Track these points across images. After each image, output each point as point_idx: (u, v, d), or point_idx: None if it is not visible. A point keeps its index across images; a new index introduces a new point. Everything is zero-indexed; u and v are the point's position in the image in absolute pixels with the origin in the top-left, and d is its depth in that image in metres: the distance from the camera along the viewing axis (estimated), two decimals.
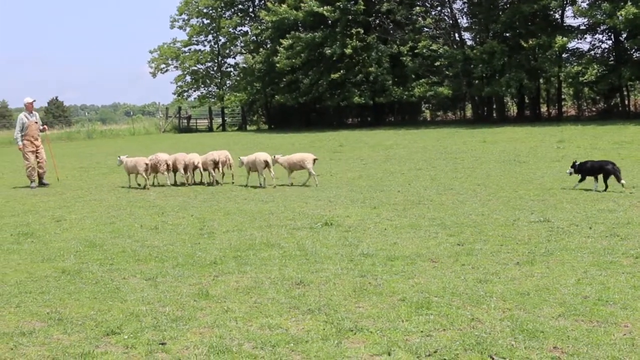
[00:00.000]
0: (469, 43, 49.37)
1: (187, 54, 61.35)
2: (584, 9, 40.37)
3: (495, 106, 49.64)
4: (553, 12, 44.55)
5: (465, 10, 50.13)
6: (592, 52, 43.78)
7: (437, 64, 46.16)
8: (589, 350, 5.27)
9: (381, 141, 31.98)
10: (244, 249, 9.34)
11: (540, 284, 7.08)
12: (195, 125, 63.53)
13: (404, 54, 46.94)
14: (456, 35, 50.08)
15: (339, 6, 46.55)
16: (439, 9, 51.85)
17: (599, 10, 38.52)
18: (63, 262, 8.96)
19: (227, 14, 60.00)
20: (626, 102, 43.96)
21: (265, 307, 6.65)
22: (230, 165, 18.02)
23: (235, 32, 60.49)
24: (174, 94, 62.98)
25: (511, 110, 51.40)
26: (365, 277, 7.58)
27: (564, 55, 43.28)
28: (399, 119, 53.65)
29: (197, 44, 61.83)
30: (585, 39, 44.87)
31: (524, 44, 41.47)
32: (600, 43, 44.34)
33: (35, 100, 19.60)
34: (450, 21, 50.52)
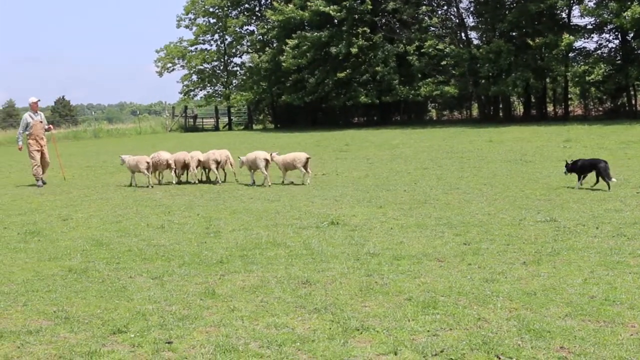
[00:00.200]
0: (476, 42, 49.30)
1: (194, 53, 61.37)
2: (591, 8, 40.21)
3: (501, 105, 49.51)
4: (560, 12, 44.44)
5: (471, 9, 50.01)
6: (599, 52, 43.63)
7: (444, 63, 46.05)
8: (596, 350, 5.25)
9: (387, 140, 31.95)
10: (250, 248, 9.35)
11: (547, 283, 7.06)
12: (202, 124, 63.58)
13: (410, 53, 46.85)
14: (462, 34, 50.00)
15: (346, 5, 46.53)
16: (445, 8, 51.76)
17: (606, 10, 38.38)
18: (70, 261, 8.98)
19: (234, 13, 60.00)
20: (633, 102, 43.80)
21: (271, 306, 6.65)
22: (231, 164, 18.10)
23: (242, 32, 60.48)
24: (180, 93, 63.11)
25: (517, 109, 51.32)
26: (372, 277, 7.58)
27: (570, 54, 43.15)
28: (405, 118, 53.55)
29: (204, 43, 61.88)
30: (592, 38, 44.70)
31: (530, 42, 41.35)
32: (607, 42, 44.21)
33: (40, 100, 19.65)
34: (457, 20, 50.43)
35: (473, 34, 50.54)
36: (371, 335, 5.77)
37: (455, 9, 50.35)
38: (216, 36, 61.30)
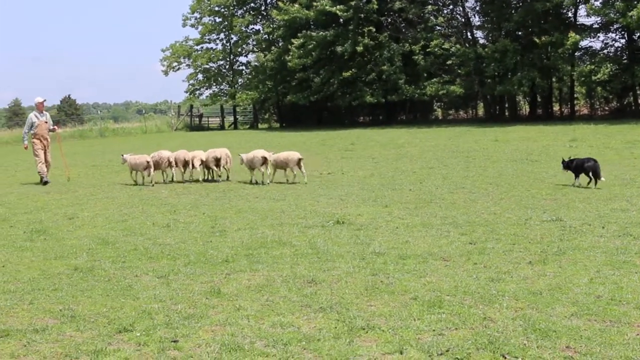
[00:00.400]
0: (481, 41, 49.26)
1: (199, 52, 61.47)
2: (597, 7, 40.13)
3: (507, 105, 49.47)
4: (566, 11, 44.39)
5: (477, 8, 49.99)
6: (605, 51, 43.57)
7: (449, 62, 46.06)
8: (602, 350, 5.24)
9: (393, 139, 31.92)
10: (256, 247, 9.35)
11: (553, 283, 7.05)
12: (207, 123, 63.62)
13: (416, 53, 46.85)
14: (468, 33, 49.96)
15: (352, 5, 46.51)
16: (451, 7, 51.75)
17: (612, 9, 38.31)
18: (75, 260, 9.00)
19: (239, 12, 60.10)
20: (639, 101, 43.69)
21: (277, 305, 6.65)
22: (230, 162, 18.20)
23: (247, 31, 60.59)
24: (186, 92, 63.27)
25: (523, 109, 51.25)
26: (377, 276, 7.58)
27: (576, 54, 43.11)
28: (410, 118, 53.56)
29: (209, 42, 62.02)
30: (598, 37, 44.59)
31: (536, 40, 41.24)
32: (613, 42, 44.13)
33: (45, 100, 19.80)
34: (463, 19, 50.41)
35: (479, 33, 50.58)
36: (377, 334, 5.77)
37: (461, 8, 50.33)
38: (222, 35, 61.40)
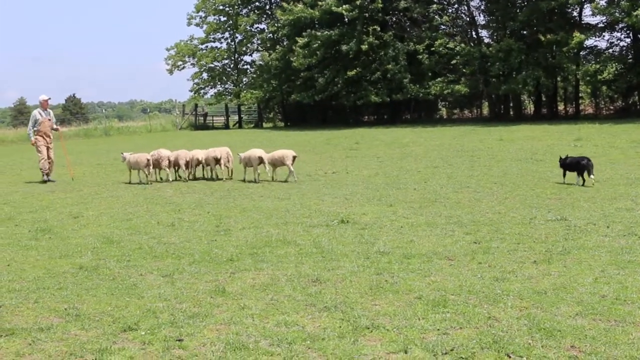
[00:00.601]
0: (486, 41, 49.11)
1: (204, 51, 61.49)
2: (602, 6, 40.00)
3: (512, 104, 49.35)
4: (571, 10, 44.26)
5: (482, 7, 49.83)
6: (610, 50, 43.46)
7: (454, 61, 45.99)
8: (607, 349, 5.24)
9: (397, 139, 31.90)
10: (260, 246, 9.36)
11: (558, 282, 7.04)
12: (212, 122, 63.59)
13: (421, 52, 46.81)
14: (473, 33, 49.85)
15: (357, 4, 46.49)
16: (456, 6, 51.61)
17: (617, 8, 38.20)
18: (80, 259, 9.02)
19: (244, 11, 60.10)
20: None
21: (281, 304, 6.66)
22: (231, 161, 18.31)
23: (252, 30, 60.59)
24: (191, 91, 63.18)
25: (528, 108, 51.11)
26: (382, 275, 7.58)
27: (581, 53, 42.98)
28: (415, 117, 53.48)
29: (214, 42, 62.05)
30: (603, 37, 44.46)
31: (542, 38, 41.12)
32: (619, 41, 44.00)
33: (50, 98, 20.00)
34: (467, 19, 50.28)
35: (484, 33, 50.41)
36: (381, 333, 5.77)
37: (465, 7, 50.24)
38: (227, 34, 61.44)
